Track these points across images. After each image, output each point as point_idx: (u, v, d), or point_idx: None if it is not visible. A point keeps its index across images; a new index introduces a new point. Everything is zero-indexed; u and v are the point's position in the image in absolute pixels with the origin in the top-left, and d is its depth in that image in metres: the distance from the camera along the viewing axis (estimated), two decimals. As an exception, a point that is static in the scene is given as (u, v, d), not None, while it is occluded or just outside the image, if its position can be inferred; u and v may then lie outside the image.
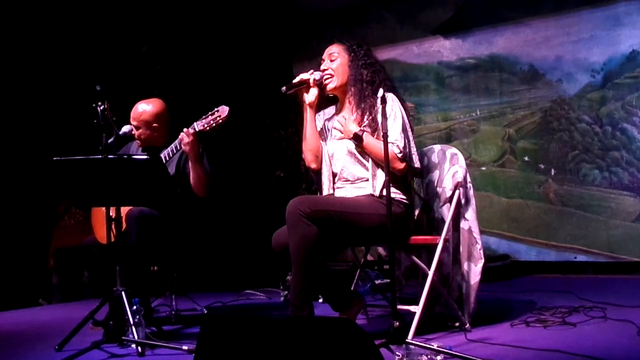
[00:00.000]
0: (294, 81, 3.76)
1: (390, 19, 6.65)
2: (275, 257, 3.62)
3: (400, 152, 3.59)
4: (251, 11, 6.94)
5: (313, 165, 3.84)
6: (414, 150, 3.72)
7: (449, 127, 6.34)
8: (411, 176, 3.83)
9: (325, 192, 3.80)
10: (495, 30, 6.11)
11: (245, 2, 6.89)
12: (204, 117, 4.08)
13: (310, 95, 3.76)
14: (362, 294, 4.08)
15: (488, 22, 6.13)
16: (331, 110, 3.96)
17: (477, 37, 6.20)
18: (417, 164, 3.74)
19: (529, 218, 5.97)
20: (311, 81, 3.75)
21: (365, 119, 3.68)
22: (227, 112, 4.03)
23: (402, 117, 3.66)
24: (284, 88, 3.73)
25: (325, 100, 3.91)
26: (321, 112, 3.95)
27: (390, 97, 3.65)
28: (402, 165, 3.63)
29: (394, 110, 3.65)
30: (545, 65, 5.89)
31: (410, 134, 3.71)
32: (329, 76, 3.79)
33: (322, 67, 3.82)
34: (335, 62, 3.80)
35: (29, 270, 6.41)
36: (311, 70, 3.79)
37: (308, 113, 3.79)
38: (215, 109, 4.06)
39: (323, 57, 3.86)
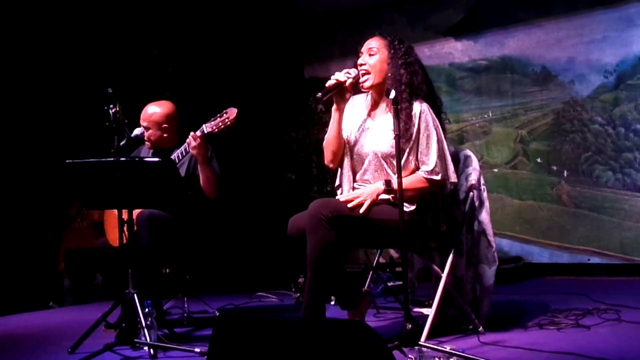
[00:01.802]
0: (329, 84, 3.60)
1: (401, 21, 6.64)
2: (288, 257, 3.61)
3: (436, 175, 3.54)
4: (262, 14, 6.94)
5: (331, 165, 3.78)
6: (450, 165, 3.62)
7: (461, 129, 6.32)
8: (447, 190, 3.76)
9: (345, 193, 3.73)
10: (506, 32, 6.09)
11: (255, 5, 6.90)
12: (212, 119, 4.10)
13: (344, 99, 3.65)
14: (369, 291, 4.04)
15: (499, 24, 6.11)
16: (361, 101, 3.82)
17: (489, 38, 6.18)
18: (453, 179, 3.64)
19: (541, 220, 5.94)
20: (347, 83, 3.61)
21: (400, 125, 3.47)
22: (235, 114, 4.03)
23: (438, 136, 3.57)
24: (319, 94, 3.58)
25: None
26: (350, 101, 3.76)
27: (422, 108, 3.58)
28: (434, 189, 3.62)
29: (428, 128, 3.56)
30: (558, 66, 5.86)
31: (445, 147, 3.61)
32: (365, 72, 3.65)
33: (359, 61, 3.67)
34: (373, 58, 3.65)
35: (40, 273, 6.42)
36: (345, 70, 3.65)
37: (337, 115, 3.67)
38: (224, 111, 4.08)
39: (362, 49, 3.70)
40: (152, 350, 3.58)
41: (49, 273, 6.51)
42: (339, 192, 3.81)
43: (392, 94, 3.32)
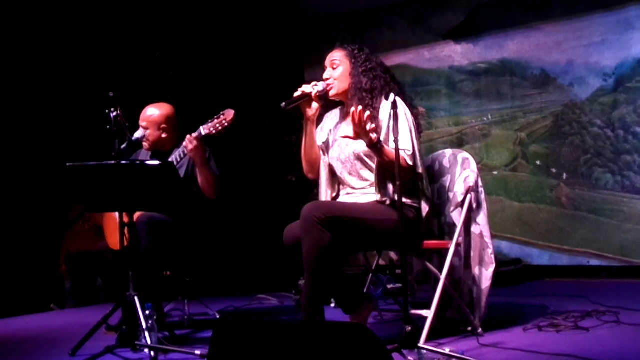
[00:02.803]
0: (295, 95, 3.73)
1: (401, 24, 6.66)
2: (288, 259, 3.63)
3: (410, 159, 3.55)
4: (263, 16, 6.96)
5: (310, 175, 3.93)
6: (418, 154, 3.66)
7: (461, 131, 6.34)
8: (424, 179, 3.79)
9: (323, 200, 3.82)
10: (506, 35, 6.10)
11: (256, 8, 6.91)
12: (209, 120, 4.11)
13: (312, 109, 3.76)
14: (373, 295, 4.08)
15: (499, 27, 6.12)
16: (336, 113, 3.93)
17: (488, 41, 6.19)
18: (420, 170, 3.66)
19: (541, 222, 5.95)
20: (313, 94, 3.73)
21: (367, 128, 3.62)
22: (232, 115, 4.05)
23: (408, 122, 3.62)
24: (283, 104, 3.70)
25: (331, 102, 3.89)
26: (328, 114, 3.94)
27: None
28: (408, 176, 3.59)
29: (400, 116, 3.58)
30: (557, 69, 5.87)
31: (415, 137, 3.65)
32: (328, 86, 3.76)
33: (324, 76, 3.79)
34: (337, 71, 3.77)
35: (41, 276, 6.42)
36: (313, 83, 3.76)
37: (308, 126, 3.79)
38: (221, 113, 4.10)
39: (325, 63, 3.83)
40: (152, 353, 3.58)
41: (50, 275, 6.50)
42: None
43: (392, 97, 3.37)
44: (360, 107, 3.41)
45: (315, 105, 3.76)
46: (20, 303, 5.88)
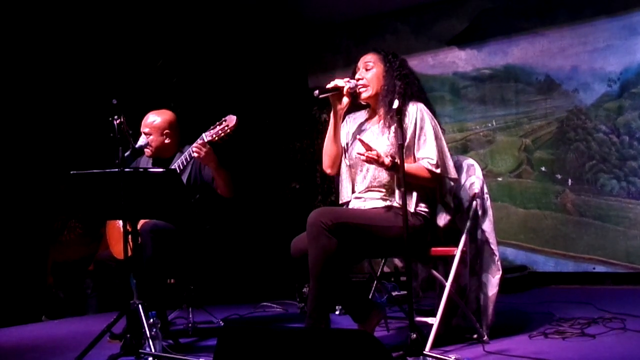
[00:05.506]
0: (328, 86, 3.76)
1: (404, 31, 6.66)
2: (293, 267, 3.63)
3: (436, 168, 3.57)
4: (266, 24, 6.96)
5: (329, 171, 3.91)
6: (449, 161, 3.68)
7: (465, 137, 6.33)
8: (447, 187, 3.79)
9: (345, 198, 3.83)
10: (510, 41, 6.10)
11: (260, 15, 6.92)
12: (211, 127, 4.10)
13: (342, 104, 3.78)
14: (381, 304, 4.06)
15: (503, 33, 6.12)
16: (362, 115, 3.94)
17: (492, 47, 6.19)
18: (453, 175, 3.69)
19: (546, 229, 5.93)
20: (345, 89, 3.75)
21: (391, 132, 3.63)
22: (234, 121, 4.04)
23: (435, 132, 3.64)
24: (316, 92, 3.72)
25: (356, 106, 3.91)
26: (352, 115, 3.95)
27: (418, 108, 3.67)
28: (434, 184, 3.64)
29: (426, 123, 3.64)
30: (561, 75, 5.86)
31: (444, 144, 3.68)
32: (362, 86, 3.78)
33: (356, 76, 3.81)
34: (370, 72, 3.79)
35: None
36: (347, 78, 3.79)
37: (335, 119, 3.81)
38: (223, 119, 4.09)
39: (358, 65, 3.85)
40: (156, 361, 3.58)
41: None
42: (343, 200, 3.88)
43: (396, 103, 3.39)
44: (367, 153, 3.44)
45: (345, 99, 3.78)
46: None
